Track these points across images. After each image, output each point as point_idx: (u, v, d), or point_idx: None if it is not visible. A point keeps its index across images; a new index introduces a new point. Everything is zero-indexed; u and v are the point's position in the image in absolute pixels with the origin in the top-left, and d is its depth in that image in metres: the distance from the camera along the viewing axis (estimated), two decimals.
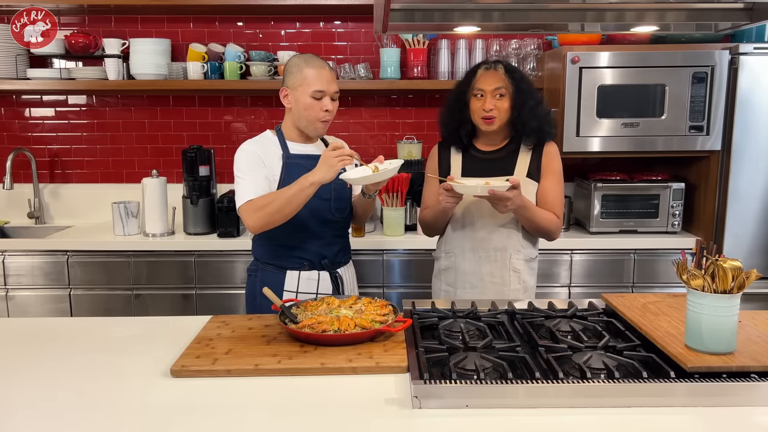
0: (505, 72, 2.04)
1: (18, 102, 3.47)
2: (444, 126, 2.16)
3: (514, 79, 2.03)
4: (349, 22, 3.40)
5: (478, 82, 2.04)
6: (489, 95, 2.02)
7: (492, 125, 2.04)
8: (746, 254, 2.92)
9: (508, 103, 2.03)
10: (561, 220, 2.11)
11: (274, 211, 1.89)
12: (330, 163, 1.83)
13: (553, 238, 2.12)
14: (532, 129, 2.05)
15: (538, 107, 2.05)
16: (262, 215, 1.91)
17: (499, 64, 2.06)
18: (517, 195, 1.90)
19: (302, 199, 1.88)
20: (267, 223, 1.92)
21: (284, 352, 1.54)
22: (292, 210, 1.90)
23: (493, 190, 1.86)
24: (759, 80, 2.85)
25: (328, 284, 2.10)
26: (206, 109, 3.47)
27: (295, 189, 1.87)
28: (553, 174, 2.11)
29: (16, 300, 2.98)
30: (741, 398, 1.30)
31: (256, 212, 1.92)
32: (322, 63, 2.01)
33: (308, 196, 1.88)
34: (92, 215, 3.46)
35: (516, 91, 2.02)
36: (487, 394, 1.29)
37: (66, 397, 1.37)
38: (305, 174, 1.87)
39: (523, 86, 2.03)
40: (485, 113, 2.02)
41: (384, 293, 2.99)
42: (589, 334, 1.62)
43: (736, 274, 1.35)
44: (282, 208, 1.88)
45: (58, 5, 3.18)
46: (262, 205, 1.91)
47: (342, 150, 1.84)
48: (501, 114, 2.03)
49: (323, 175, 1.84)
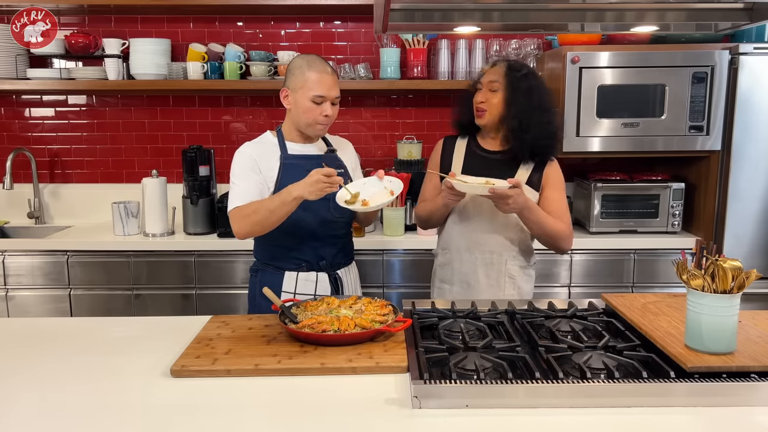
0: (507, 69, 2.04)
1: (18, 102, 3.47)
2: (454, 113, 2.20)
3: (513, 76, 2.01)
4: (349, 22, 3.40)
5: (483, 77, 2.08)
6: (484, 87, 2.04)
7: (482, 119, 2.05)
8: (746, 254, 2.91)
9: (500, 98, 2.01)
10: (570, 229, 2.05)
11: (257, 221, 1.90)
12: (317, 187, 1.80)
13: (563, 247, 2.07)
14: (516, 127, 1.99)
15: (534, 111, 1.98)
16: (246, 223, 1.92)
17: (505, 61, 2.08)
18: (519, 194, 1.89)
19: (285, 213, 1.88)
20: (251, 231, 1.94)
21: (284, 352, 1.54)
22: (274, 222, 1.90)
23: (494, 188, 1.85)
24: (759, 80, 2.85)
25: (327, 285, 2.09)
26: (206, 109, 3.47)
27: (277, 202, 1.86)
28: (556, 187, 2.08)
29: (16, 300, 2.98)
30: (741, 398, 1.30)
31: (241, 220, 1.93)
32: (324, 67, 1.99)
33: (292, 210, 1.88)
34: (92, 215, 3.46)
35: (511, 86, 2.00)
36: (487, 394, 1.29)
37: (66, 397, 1.37)
38: (290, 186, 1.86)
39: (523, 84, 2.00)
40: (476, 104, 2.05)
41: (384, 293, 2.99)
42: (589, 334, 1.62)
43: (736, 274, 1.35)
44: (264, 220, 1.89)
45: (58, 5, 3.18)
46: (247, 213, 1.92)
47: (333, 178, 1.81)
48: (491, 108, 2.02)
49: (306, 194, 1.82)
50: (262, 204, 1.91)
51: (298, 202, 1.85)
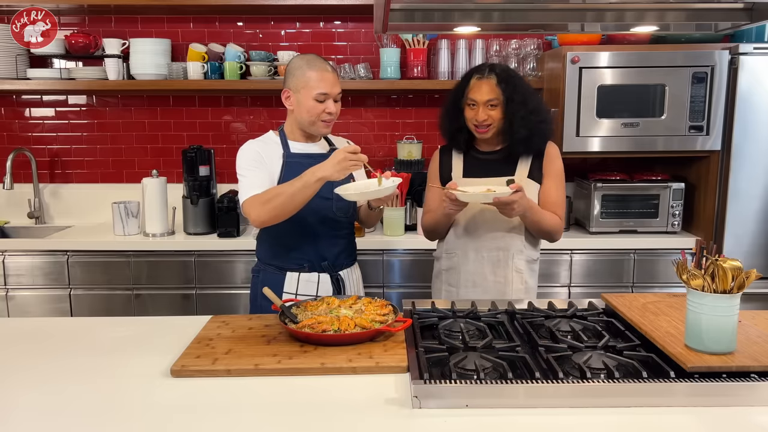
0: (497, 83, 2.02)
1: (18, 102, 3.47)
2: (443, 130, 2.18)
3: (506, 89, 2.02)
4: (349, 22, 3.40)
5: (471, 92, 2.04)
6: (481, 106, 2.02)
7: (486, 134, 2.06)
8: (746, 254, 2.92)
9: (500, 112, 2.03)
10: (563, 222, 2.11)
11: (277, 206, 1.86)
12: (343, 165, 1.79)
13: (555, 239, 2.12)
14: (521, 138, 2.03)
15: (530, 116, 2.02)
16: (265, 210, 1.88)
17: (492, 73, 2.04)
18: (522, 197, 1.90)
19: (307, 195, 1.84)
20: (272, 217, 1.89)
21: (284, 352, 1.54)
22: (296, 206, 1.86)
23: (498, 197, 1.86)
24: (759, 80, 2.85)
25: (329, 286, 2.08)
26: (206, 109, 3.47)
27: (299, 185, 1.83)
28: (555, 175, 2.11)
29: (16, 300, 2.98)
30: (741, 398, 1.30)
31: (261, 206, 1.89)
32: (324, 65, 1.99)
33: (314, 192, 1.84)
34: (92, 215, 3.46)
35: (507, 101, 2.01)
36: (486, 394, 1.29)
37: (66, 397, 1.37)
38: (312, 168, 1.83)
39: (515, 96, 2.01)
40: (478, 123, 2.04)
41: (384, 293, 2.99)
42: (589, 334, 1.62)
43: (736, 274, 1.35)
44: (284, 204, 1.85)
45: (58, 5, 3.18)
46: (266, 199, 1.89)
47: (358, 156, 1.79)
48: (495, 122, 2.04)
49: (332, 173, 1.79)
50: (282, 188, 1.88)
51: (321, 183, 1.83)
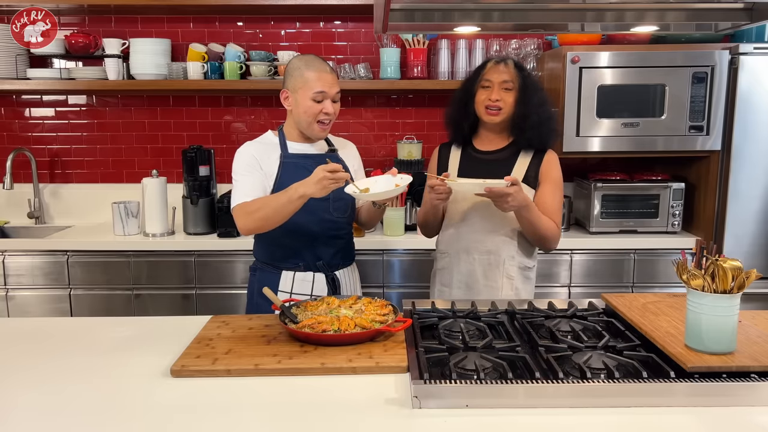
0: (515, 67, 2.06)
1: (18, 102, 3.47)
2: (448, 118, 2.18)
3: (522, 75, 2.05)
4: (349, 22, 3.40)
5: (487, 74, 2.06)
6: (497, 86, 2.03)
7: (496, 117, 2.04)
8: (746, 254, 2.92)
9: (514, 98, 2.04)
10: (560, 230, 2.09)
11: (261, 218, 1.90)
12: (323, 183, 1.79)
13: (550, 247, 2.10)
14: (532, 124, 2.03)
15: (542, 107, 2.06)
16: (251, 220, 1.92)
17: (510, 59, 2.09)
18: (518, 191, 1.89)
19: (290, 211, 1.87)
20: (257, 227, 1.93)
21: (284, 352, 1.54)
22: (279, 219, 1.89)
23: (491, 187, 1.86)
24: (759, 80, 2.85)
25: (323, 286, 2.08)
26: (206, 109, 3.47)
27: (284, 200, 1.85)
28: (552, 182, 2.09)
29: (16, 300, 2.98)
30: (741, 398, 1.30)
31: (247, 216, 1.93)
32: (323, 65, 2.00)
33: (297, 208, 1.87)
34: (92, 215, 3.46)
35: (522, 86, 2.03)
36: (486, 394, 1.29)
37: (65, 397, 1.37)
38: (296, 183, 1.84)
39: (530, 83, 2.05)
40: (491, 102, 2.03)
41: (384, 293, 2.99)
42: (589, 334, 1.62)
43: (736, 274, 1.35)
44: (269, 217, 1.89)
45: (58, 5, 3.18)
46: (252, 209, 1.92)
47: (338, 174, 1.79)
48: (506, 107, 2.04)
49: (313, 191, 1.81)
50: (268, 201, 1.90)
51: (304, 200, 1.84)
